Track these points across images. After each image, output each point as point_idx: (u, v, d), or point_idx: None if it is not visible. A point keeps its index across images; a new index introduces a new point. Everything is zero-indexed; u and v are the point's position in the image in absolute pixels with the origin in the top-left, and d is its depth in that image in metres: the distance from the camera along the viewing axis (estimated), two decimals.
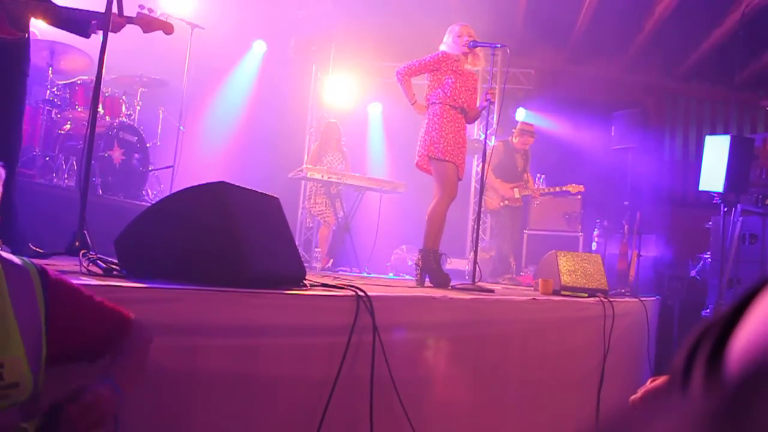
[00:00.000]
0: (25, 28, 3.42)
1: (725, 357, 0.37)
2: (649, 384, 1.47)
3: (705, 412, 0.27)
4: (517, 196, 7.17)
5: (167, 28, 3.84)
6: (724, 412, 0.27)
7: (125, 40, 3.64)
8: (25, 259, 1.59)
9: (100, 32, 3.53)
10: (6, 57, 3.35)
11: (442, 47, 4.93)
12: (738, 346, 0.37)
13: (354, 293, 2.71)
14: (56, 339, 1.55)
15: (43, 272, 1.58)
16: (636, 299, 5.64)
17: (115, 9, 3.47)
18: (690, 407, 0.28)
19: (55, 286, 1.59)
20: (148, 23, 3.75)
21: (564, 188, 7.25)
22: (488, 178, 7.03)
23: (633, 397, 1.40)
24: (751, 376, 0.28)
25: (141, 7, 3.79)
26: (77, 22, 3.50)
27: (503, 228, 7.37)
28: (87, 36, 3.62)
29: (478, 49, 4.91)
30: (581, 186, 7.22)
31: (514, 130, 7.44)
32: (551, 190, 7.40)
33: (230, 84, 9.02)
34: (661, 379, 1.40)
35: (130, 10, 3.65)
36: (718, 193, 6.63)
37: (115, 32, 3.58)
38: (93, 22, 3.52)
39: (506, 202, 7.18)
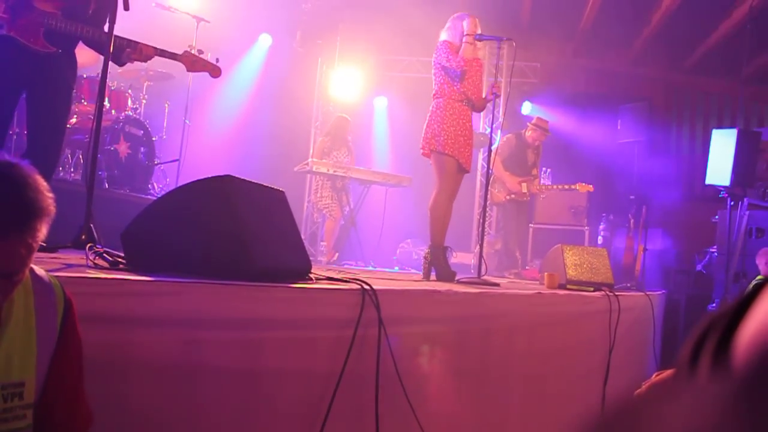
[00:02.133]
0: (59, 42, 3.48)
1: (733, 347, 0.37)
2: (655, 378, 1.47)
3: (717, 395, 0.27)
4: (524, 191, 7.14)
5: (215, 72, 3.85)
6: (740, 394, 0.27)
7: (131, 34, 3.64)
8: (54, 277, 1.59)
9: (135, 62, 3.62)
10: (42, 69, 3.43)
11: (445, 35, 4.84)
12: (746, 335, 0.37)
13: (359, 287, 2.71)
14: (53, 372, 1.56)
15: (68, 302, 1.58)
16: (642, 293, 5.63)
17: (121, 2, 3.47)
18: (699, 392, 0.28)
19: (72, 321, 1.59)
20: (193, 63, 3.78)
21: (572, 187, 7.21)
22: (497, 169, 7.01)
23: (638, 391, 1.40)
24: (763, 359, 0.28)
25: (190, 47, 3.83)
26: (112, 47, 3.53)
27: (509, 221, 7.35)
28: (120, 64, 3.67)
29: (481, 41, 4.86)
30: (590, 186, 7.17)
31: (529, 124, 7.40)
32: (559, 187, 7.37)
33: (236, 78, 9.01)
34: (666, 373, 1.40)
35: (178, 48, 3.70)
36: (724, 186, 6.61)
37: (144, 62, 3.64)
38: (127, 50, 3.55)
39: (513, 195, 7.16)
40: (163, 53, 3.65)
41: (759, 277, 6.01)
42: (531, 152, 7.34)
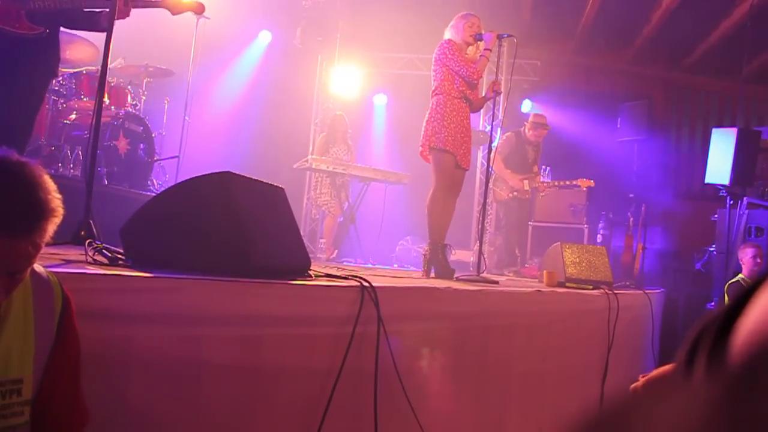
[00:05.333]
0: (44, 21, 3.42)
1: (728, 347, 0.38)
2: (653, 373, 1.47)
3: (708, 396, 0.28)
4: (526, 188, 7.14)
5: (197, 9, 3.73)
6: (728, 395, 0.27)
7: (131, 30, 3.63)
8: (53, 274, 1.60)
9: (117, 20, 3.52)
10: (27, 53, 3.36)
11: (449, 33, 4.85)
12: (741, 335, 0.37)
13: (359, 284, 2.71)
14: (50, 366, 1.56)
15: (66, 299, 1.59)
16: (640, 292, 5.63)
17: None
18: (693, 392, 0.28)
19: (70, 318, 1.59)
20: (175, 5, 3.67)
21: (573, 182, 7.21)
22: (498, 168, 7.01)
23: (634, 384, 1.40)
24: (753, 361, 0.29)
25: None
26: (90, 20, 3.47)
27: (511, 219, 7.35)
28: (101, 29, 3.56)
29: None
30: (591, 181, 7.16)
31: (526, 122, 7.39)
32: (560, 183, 7.36)
33: (236, 74, 9.01)
34: (664, 368, 1.40)
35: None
36: (724, 185, 6.62)
37: (122, 18, 3.54)
38: (103, 11, 3.49)
39: (515, 193, 7.16)
40: (140, 4, 3.51)
41: (740, 275, 6.03)
42: (531, 149, 7.34)
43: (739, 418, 0.26)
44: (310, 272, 2.88)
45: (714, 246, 7.48)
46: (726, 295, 5.94)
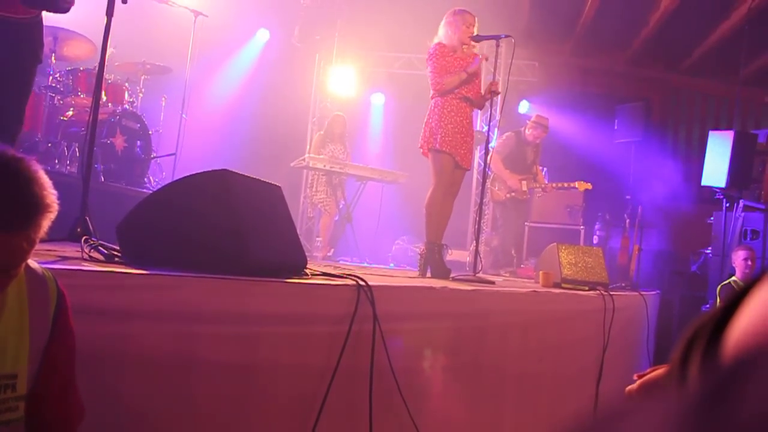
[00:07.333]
0: (38, 5, 3.35)
1: (721, 348, 0.38)
2: (648, 372, 1.47)
3: (694, 398, 0.28)
4: (524, 188, 7.15)
5: None
6: (715, 397, 0.27)
7: (129, 27, 3.62)
8: (47, 271, 1.60)
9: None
10: (19, 38, 3.31)
11: (441, 32, 4.82)
12: (733, 336, 0.37)
13: (355, 282, 2.71)
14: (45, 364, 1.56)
15: (61, 295, 1.59)
16: (636, 293, 5.64)
17: None
18: (682, 395, 0.29)
19: (65, 314, 1.59)
20: None
21: (571, 185, 7.21)
22: (498, 168, 7.02)
23: (629, 387, 1.40)
24: (741, 363, 0.29)
25: None
26: None
27: (508, 220, 7.35)
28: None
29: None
30: (588, 184, 7.17)
31: (528, 122, 7.39)
32: (559, 185, 7.37)
33: (233, 72, 8.99)
34: (660, 369, 1.41)
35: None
36: (720, 188, 6.64)
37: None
38: None
39: (512, 193, 7.16)
40: None
41: (733, 278, 6.05)
42: (530, 150, 7.34)
43: (724, 419, 0.26)
44: (307, 271, 2.88)
45: (710, 248, 7.50)
46: (718, 296, 5.97)
